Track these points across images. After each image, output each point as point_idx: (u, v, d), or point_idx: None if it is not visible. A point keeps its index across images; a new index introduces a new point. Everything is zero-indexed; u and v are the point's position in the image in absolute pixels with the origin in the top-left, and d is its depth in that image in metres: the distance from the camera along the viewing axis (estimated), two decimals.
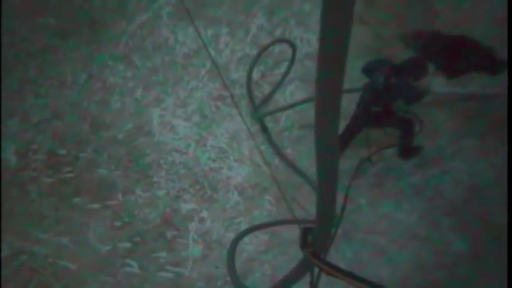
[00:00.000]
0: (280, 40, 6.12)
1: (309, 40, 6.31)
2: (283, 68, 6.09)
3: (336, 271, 2.72)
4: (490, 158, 5.39)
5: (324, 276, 3.46)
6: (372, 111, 5.23)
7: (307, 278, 3.55)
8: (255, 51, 6.18)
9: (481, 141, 5.59)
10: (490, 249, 4.96)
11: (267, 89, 6.05)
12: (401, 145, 5.44)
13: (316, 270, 3.39)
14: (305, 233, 3.10)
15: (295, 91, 6.07)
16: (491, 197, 5.19)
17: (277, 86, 6.04)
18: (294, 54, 5.85)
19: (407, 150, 5.49)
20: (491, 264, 4.74)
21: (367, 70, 5.29)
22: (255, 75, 6.03)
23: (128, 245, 5.19)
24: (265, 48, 5.79)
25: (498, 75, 5.50)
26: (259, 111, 5.90)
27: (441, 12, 6.26)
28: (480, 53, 5.62)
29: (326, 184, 2.65)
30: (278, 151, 5.68)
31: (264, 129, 5.76)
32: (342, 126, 4.94)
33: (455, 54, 5.57)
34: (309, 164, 5.50)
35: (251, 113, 5.89)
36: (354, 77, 4.80)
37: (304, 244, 3.08)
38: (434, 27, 5.88)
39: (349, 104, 5.04)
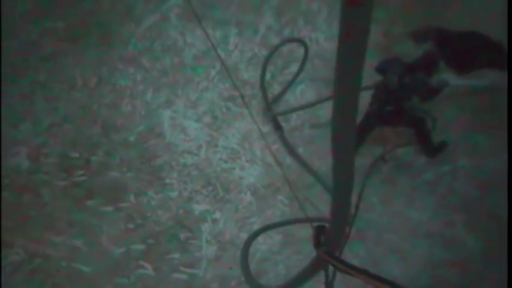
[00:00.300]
0: (293, 39, 6.13)
1: (317, 39, 6.32)
2: (292, 67, 6.10)
3: (350, 269, 2.72)
4: (501, 154, 5.38)
5: (338, 275, 3.47)
6: (386, 110, 5.24)
7: (322, 277, 3.55)
8: (264, 51, 6.19)
9: (493, 137, 5.60)
10: (503, 245, 4.96)
11: (277, 89, 6.04)
12: (419, 143, 5.46)
13: (331, 269, 3.40)
14: (318, 231, 3.10)
15: (305, 90, 6.07)
16: (504, 193, 5.19)
17: (290, 84, 6.04)
18: (306, 54, 5.87)
19: (431, 148, 5.50)
20: (504, 260, 4.74)
21: (381, 70, 5.29)
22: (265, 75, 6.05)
23: (141, 246, 5.20)
24: (278, 47, 5.81)
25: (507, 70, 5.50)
26: (273, 110, 5.91)
27: (451, 9, 6.26)
28: (490, 49, 5.61)
29: (342, 182, 2.65)
30: (291, 149, 5.68)
31: (278, 127, 5.76)
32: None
33: (465, 50, 5.57)
34: (320, 164, 5.51)
35: (264, 112, 5.90)
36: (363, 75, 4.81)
37: (317, 243, 3.08)
38: (444, 24, 5.88)
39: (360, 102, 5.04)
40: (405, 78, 5.08)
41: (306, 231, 4.22)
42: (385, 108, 5.23)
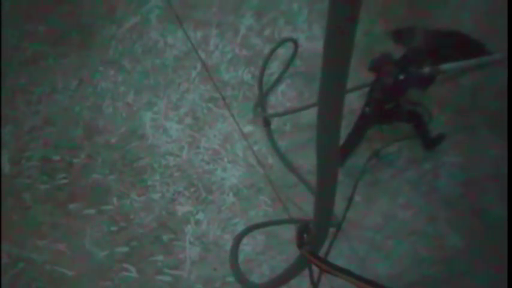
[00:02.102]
0: (286, 39, 6.13)
1: (298, 39, 6.32)
2: (273, 68, 6.08)
3: (333, 269, 2.72)
4: (483, 151, 5.40)
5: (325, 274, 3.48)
6: (384, 109, 5.24)
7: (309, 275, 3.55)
8: (245, 52, 6.16)
9: (474, 135, 5.60)
10: (487, 242, 4.98)
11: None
12: (418, 136, 5.48)
13: (317, 269, 3.40)
14: (301, 230, 3.10)
15: (286, 90, 6.06)
16: (486, 190, 5.21)
17: (275, 83, 6.03)
18: (295, 52, 5.89)
19: (428, 141, 5.52)
20: (488, 257, 4.76)
21: (374, 68, 5.29)
22: (245, 76, 6.03)
23: (125, 249, 5.17)
24: (275, 48, 5.83)
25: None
26: (265, 110, 5.91)
27: (430, 8, 6.29)
28: (470, 48, 5.65)
29: (326, 182, 2.65)
30: (276, 147, 5.67)
31: (267, 123, 5.75)
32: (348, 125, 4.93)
33: (445, 49, 5.60)
34: (303, 163, 5.51)
35: (254, 110, 5.88)
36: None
37: (300, 242, 3.08)
38: (424, 23, 5.90)
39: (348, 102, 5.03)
40: (399, 75, 5.09)
41: (290, 232, 4.23)
42: (383, 107, 5.23)
